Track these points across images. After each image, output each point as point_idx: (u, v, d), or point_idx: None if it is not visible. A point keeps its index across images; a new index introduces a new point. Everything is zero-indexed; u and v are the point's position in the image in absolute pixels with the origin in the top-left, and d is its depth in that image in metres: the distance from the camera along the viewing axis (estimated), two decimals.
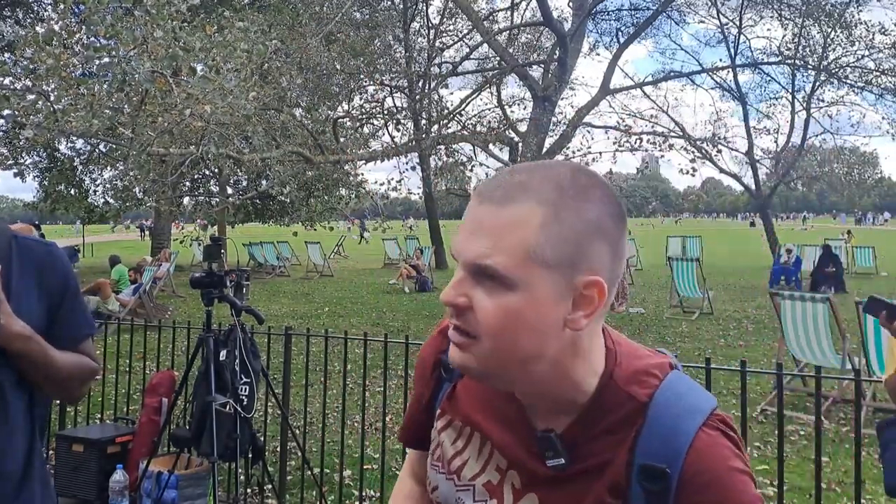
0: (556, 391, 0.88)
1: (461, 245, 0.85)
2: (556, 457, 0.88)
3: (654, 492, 0.83)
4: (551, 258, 0.82)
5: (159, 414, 4.29)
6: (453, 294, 0.85)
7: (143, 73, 6.66)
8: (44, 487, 1.58)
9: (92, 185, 22.34)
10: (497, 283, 0.82)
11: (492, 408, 0.97)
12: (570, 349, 0.86)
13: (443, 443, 1.01)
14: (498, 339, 0.83)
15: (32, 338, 1.47)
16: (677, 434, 0.84)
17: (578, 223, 0.83)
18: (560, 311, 0.83)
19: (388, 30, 16.13)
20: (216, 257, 3.96)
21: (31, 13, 19.95)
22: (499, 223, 0.82)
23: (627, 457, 0.86)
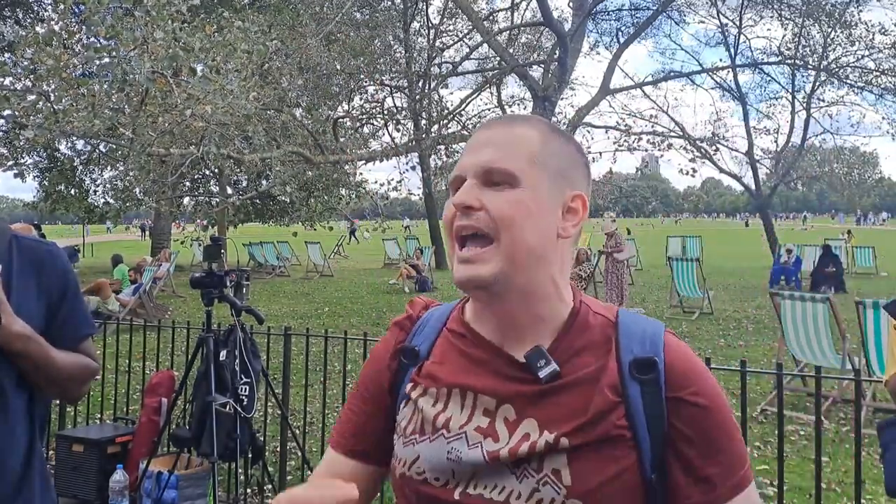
0: (544, 305, 0.99)
1: (470, 159, 0.98)
2: (548, 364, 0.96)
3: (647, 381, 0.95)
4: (550, 166, 0.98)
5: (159, 414, 4.29)
6: (467, 196, 0.95)
7: (143, 74, 6.66)
8: (44, 487, 1.59)
9: (92, 185, 22.36)
10: (506, 184, 0.95)
11: (467, 364, 1.02)
12: (559, 263, 1.00)
13: (422, 408, 1.02)
14: (512, 230, 0.94)
15: (33, 338, 1.47)
16: (651, 335, 0.99)
17: (566, 150, 1.01)
18: (555, 216, 0.98)
19: (388, 30, 16.14)
20: (216, 257, 3.96)
21: (32, 13, 19.95)
22: (507, 137, 0.98)
23: (616, 360, 0.97)
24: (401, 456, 1.03)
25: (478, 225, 0.94)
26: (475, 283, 0.96)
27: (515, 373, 0.98)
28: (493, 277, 0.94)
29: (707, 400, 0.96)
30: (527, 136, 0.98)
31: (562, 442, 0.93)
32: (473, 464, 0.96)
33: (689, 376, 0.97)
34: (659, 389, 0.95)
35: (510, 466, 0.95)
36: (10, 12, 19.87)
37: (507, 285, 0.96)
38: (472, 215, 0.95)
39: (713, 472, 0.95)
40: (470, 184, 0.96)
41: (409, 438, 1.02)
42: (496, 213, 0.93)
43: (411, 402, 1.04)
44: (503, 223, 0.93)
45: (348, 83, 14.00)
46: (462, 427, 0.98)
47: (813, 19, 17.19)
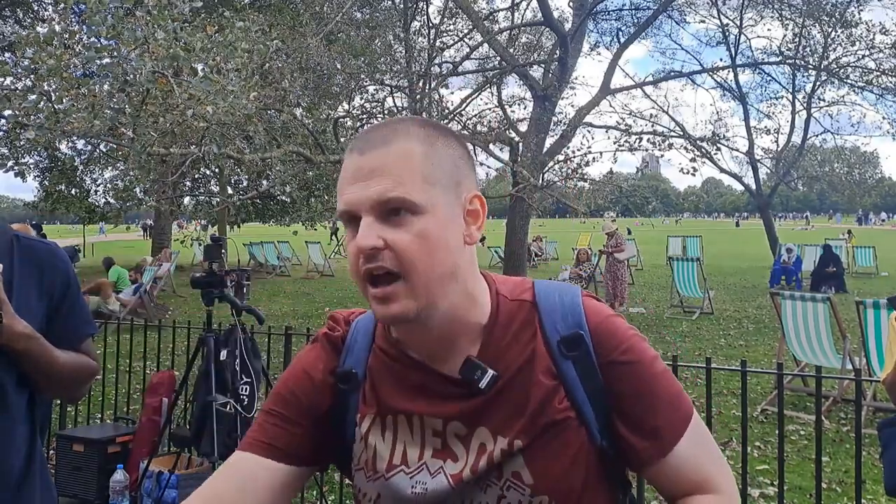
0: (466, 315, 0.97)
1: (359, 193, 0.91)
2: (485, 373, 0.96)
3: (578, 356, 0.96)
4: (442, 179, 0.93)
5: (160, 414, 4.29)
6: (370, 237, 0.89)
7: (144, 74, 6.66)
8: (44, 486, 1.59)
9: (93, 185, 22.37)
10: (405, 213, 0.90)
11: (404, 387, 1.00)
12: (469, 269, 0.97)
13: (374, 444, 1.00)
14: (421, 263, 0.89)
15: (34, 337, 1.48)
16: (570, 306, 0.99)
17: (450, 151, 0.96)
18: (458, 226, 0.95)
19: (388, 30, 16.14)
20: (216, 257, 3.96)
21: (32, 13, 19.95)
22: (389, 162, 0.91)
23: (544, 343, 0.97)
24: (363, 489, 1.02)
25: (386, 265, 0.90)
26: (396, 320, 0.94)
27: (454, 389, 0.97)
28: (414, 312, 0.91)
29: (636, 355, 0.97)
30: (410, 152, 0.91)
31: (515, 444, 0.94)
32: (439, 492, 0.96)
33: (612, 337, 0.98)
34: (591, 359, 0.96)
35: (480, 481, 0.95)
36: (11, 12, 19.88)
37: (429, 314, 0.93)
38: (378, 256, 0.89)
39: (658, 422, 0.96)
40: (368, 222, 0.89)
41: (370, 474, 1.01)
42: (402, 252, 0.89)
43: (362, 438, 1.02)
44: (412, 262, 0.89)
45: (349, 83, 14.00)
46: (420, 458, 0.98)
47: (813, 19, 17.17)
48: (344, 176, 0.95)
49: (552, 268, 20.98)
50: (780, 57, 19.43)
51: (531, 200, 13.77)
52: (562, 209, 19.04)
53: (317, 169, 11.37)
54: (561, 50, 14.91)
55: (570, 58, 15.00)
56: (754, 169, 22.06)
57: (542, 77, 15.96)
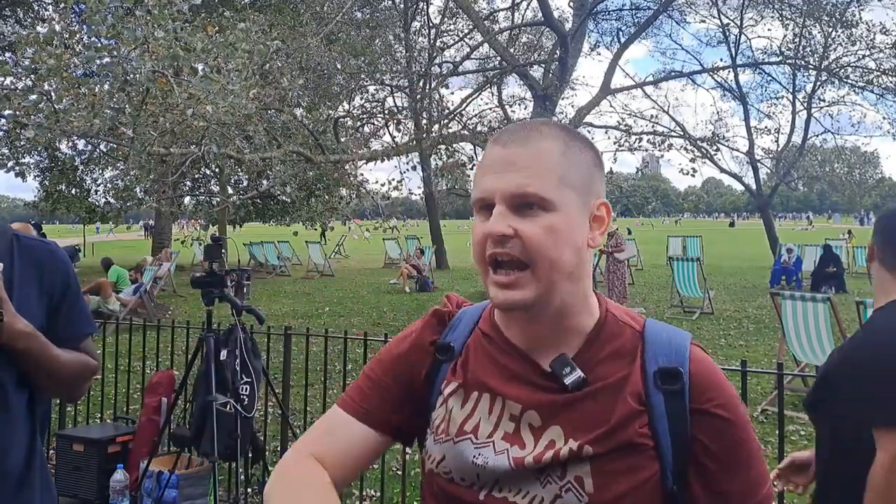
0: (576, 317, 1.01)
1: (497, 183, 0.96)
2: (573, 372, 0.98)
3: (672, 391, 0.96)
4: (576, 181, 0.97)
5: (160, 413, 4.29)
6: (501, 224, 0.94)
7: (144, 73, 6.66)
8: (44, 486, 1.59)
9: (93, 184, 22.36)
10: (537, 208, 0.94)
11: (496, 368, 1.04)
12: (588, 273, 1.01)
13: (451, 409, 1.05)
14: (547, 255, 0.94)
15: (35, 336, 1.48)
16: (676, 346, 0.99)
17: (584, 156, 1.00)
18: (584, 229, 0.99)
19: (388, 29, 16.15)
20: (217, 257, 3.96)
21: (32, 13, 19.95)
22: (529, 157, 0.96)
23: (641, 371, 0.98)
24: (431, 452, 1.06)
25: (513, 252, 0.94)
26: (515, 307, 0.97)
27: (542, 380, 1.00)
28: (532, 301, 0.95)
29: (730, 414, 0.97)
30: (549, 152, 0.97)
31: (585, 450, 0.94)
32: (498, 469, 0.98)
33: (713, 388, 0.97)
34: (683, 400, 0.96)
35: (534, 472, 0.96)
36: (11, 12, 19.88)
37: (544, 306, 0.97)
38: (506, 243, 0.94)
39: (733, 488, 0.96)
40: (500, 211, 0.95)
41: (439, 437, 1.05)
42: (531, 243, 0.94)
43: (444, 403, 1.06)
44: (539, 252, 0.94)
45: (349, 83, 14.00)
46: (490, 435, 1.00)
47: (814, 19, 17.18)
48: (483, 165, 1.00)
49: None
50: (780, 57, 19.43)
51: None
52: None
53: (317, 169, 11.37)
54: (561, 50, 14.90)
55: (570, 58, 14.99)
56: (754, 169, 22.06)
57: (542, 77, 15.96)
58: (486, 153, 1.00)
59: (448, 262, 23.35)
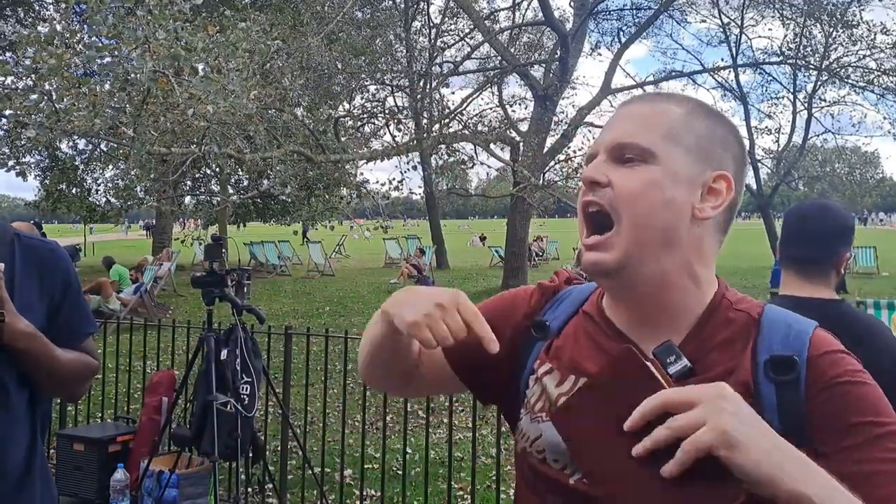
0: (681, 294, 0.93)
1: (605, 135, 0.94)
2: (678, 360, 0.88)
3: (784, 382, 0.86)
4: (690, 143, 0.92)
5: (160, 413, 4.29)
6: (594, 171, 0.91)
7: (145, 73, 6.66)
8: (45, 485, 1.59)
9: (93, 184, 22.36)
10: (638, 159, 0.90)
11: (596, 352, 0.98)
12: (695, 248, 0.93)
13: (546, 386, 1.00)
14: (637, 210, 0.89)
15: (36, 336, 1.48)
16: (797, 331, 0.90)
17: (714, 129, 0.95)
18: (691, 195, 0.91)
19: (389, 29, 16.15)
20: (217, 256, 3.96)
21: (33, 13, 19.95)
22: (645, 111, 0.94)
23: (751, 360, 0.89)
24: (525, 430, 1.01)
25: (601, 201, 0.90)
26: (600, 268, 0.92)
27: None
28: (619, 263, 0.90)
29: (849, 376, 0.86)
30: (667, 110, 0.93)
31: None
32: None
33: (837, 367, 0.87)
34: (798, 390, 0.86)
35: None
36: (12, 11, 19.87)
37: (634, 272, 0.91)
38: (597, 191, 0.91)
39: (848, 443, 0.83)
40: (600, 160, 0.92)
41: (537, 416, 1.00)
42: (621, 192, 0.89)
43: (539, 381, 1.02)
44: (628, 202, 0.89)
45: (349, 82, 14.01)
46: None
47: (814, 19, 17.18)
48: (607, 121, 0.98)
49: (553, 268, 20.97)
50: (781, 57, 19.42)
51: (532, 200, 13.77)
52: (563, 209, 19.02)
53: (317, 169, 11.37)
54: (562, 50, 14.90)
55: (570, 57, 14.99)
56: (755, 169, 22.06)
57: (542, 77, 15.97)
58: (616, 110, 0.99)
59: (448, 261, 23.35)
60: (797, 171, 23.59)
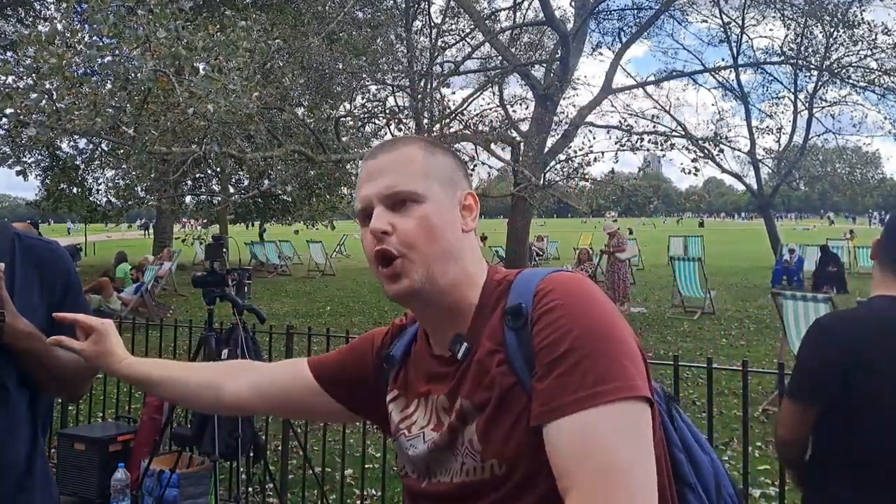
0: (465, 294, 1.06)
1: (370, 190, 1.06)
2: (461, 345, 1.04)
3: (517, 328, 0.98)
4: (440, 176, 1.07)
5: (161, 413, 4.29)
6: (381, 221, 1.03)
7: (145, 73, 6.66)
8: (46, 485, 1.59)
9: (94, 183, 22.36)
10: (409, 203, 1.04)
11: (422, 370, 1.13)
12: (469, 254, 1.08)
13: (392, 412, 1.17)
14: (424, 240, 1.02)
15: (36, 336, 1.48)
16: (528, 281, 1.02)
17: (446, 159, 1.11)
18: (455, 216, 1.07)
19: (390, 29, 16.14)
20: (218, 256, 3.96)
21: (34, 12, 19.96)
22: (394, 162, 1.07)
23: (500, 317, 1.01)
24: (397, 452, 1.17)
25: (390, 247, 1.03)
26: (405, 293, 1.04)
27: (447, 367, 1.07)
28: (418, 286, 1.03)
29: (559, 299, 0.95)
30: (412, 153, 1.07)
31: (464, 405, 1.00)
32: (423, 455, 1.07)
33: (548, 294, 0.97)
34: (527, 330, 0.97)
35: (448, 449, 1.03)
36: (13, 11, 19.87)
37: (433, 289, 1.04)
38: (386, 240, 1.03)
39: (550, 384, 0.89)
40: (379, 211, 1.04)
41: (395, 437, 1.16)
42: (407, 235, 1.02)
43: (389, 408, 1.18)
44: (414, 240, 1.02)
45: (350, 82, 13.99)
46: (422, 428, 1.09)
47: (815, 19, 17.17)
48: (359, 181, 1.10)
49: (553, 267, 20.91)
50: (782, 57, 19.43)
51: (532, 200, 13.77)
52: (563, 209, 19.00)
53: (318, 168, 11.37)
54: (562, 49, 14.91)
55: (571, 57, 14.99)
56: (756, 169, 22.05)
57: (543, 77, 15.96)
58: (361, 168, 1.11)
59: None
60: (798, 171, 23.58)
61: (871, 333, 1.70)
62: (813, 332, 1.79)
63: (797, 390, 1.79)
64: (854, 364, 1.67)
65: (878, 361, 1.65)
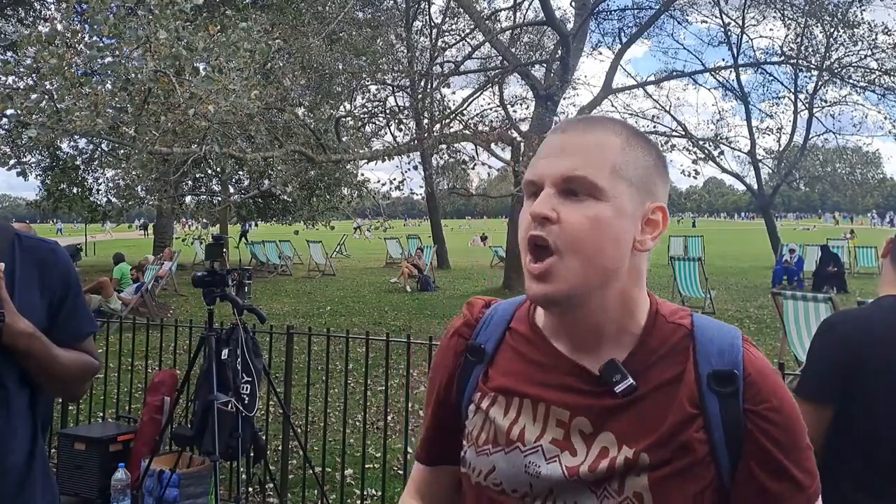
0: (618, 319, 0.96)
1: (547, 167, 0.93)
2: (623, 379, 0.93)
3: (726, 394, 0.92)
4: (632, 177, 0.93)
5: (161, 412, 4.29)
6: (545, 206, 0.90)
7: (146, 73, 6.67)
8: (46, 484, 1.59)
9: (94, 183, 22.36)
10: (585, 195, 0.90)
11: (536, 372, 1.00)
12: (634, 276, 0.96)
13: (494, 418, 1.00)
14: (586, 247, 0.90)
15: (36, 335, 1.48)
16: (729, 346, 0.94)
17: (646, 158, 0.96)
18: (634, 228, 0.93)
19: (390, 29, 16.17)
20: (218, 256, 3.96)
21: (34, 12, 19.96)
22: (585, 144, 0.93)
23: (694, 372, 0.93)
24: (474, 465, 1.01)
25: (549, 238, 0.90)
26: (549, 301, 0.93)
27: (589, 385, 0.96)
28: (566, 295, 0.91)
29: (784, 417, 0.93)
30: (608, 143, 0.93)
31: (641, 458, 0.91)
32: (552, 479, 0.94)
33: (768, 390, 0.93)
34: (738, 402, 0.91)
35: (590, 484, 0.92)
36: (13, 11, 19.88)
37: (579, 304, 0.93)
38: (546, 227, 0.90)
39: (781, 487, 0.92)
40: (548, 193, 0.91)
41: (483, 448, 1.00)
42: (571, 230, 0.89)
43: (480, 411, 1.02)
44: (578, 241, 0.90)
45: (350, 82, 14.02)
46: (537, 440, 0.96)
47: (816, 19, 17.17)
48: (543, 148, 0.96)
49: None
50: (782, 57, 19.43)
51: None
52: None
53: (318, 168, 11.38)
54: (563, 49, 14.91)
55: (571, 57, 14.99)
56: (756, 169, 22.05)
57: (543, 76, 15.96)
58: (545, 140, 0.98)
59: (449, 261, 23.36)
60: (798, 171, 23.58)
61: (880, 333, 1.70)
62: (822, 331, 1.77)
63: (807, 390, 1.78)
64: (863, 363, 1.66)
65: (887, 361, 1.65)
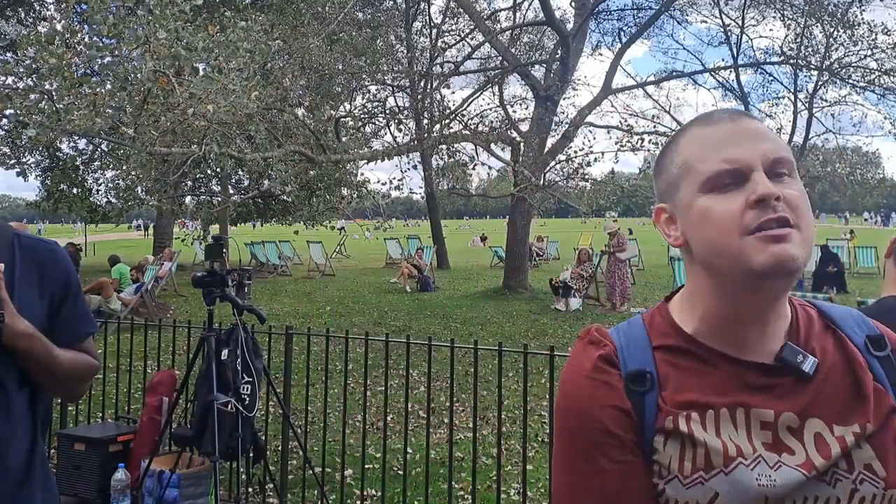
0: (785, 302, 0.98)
1: (748, 152, 0.93)
2: (806, 358, 0.94)
3: (882, 357, 0.98)
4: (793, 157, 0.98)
5: (161, 413, 4.29)
6: (772, 189, 0.91)
7: (145, 73, 6.67)
8: (46, 485, 1.59)
9: (94, 184, 22.37)
10: (787, 176, 0.94)
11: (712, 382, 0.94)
12: None
13: (702, 439, 0.91)
14: (807, 221, 0.93)
15: (36, 336, 1.48)
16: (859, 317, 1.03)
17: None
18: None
19: (390, 30, 16.18)
20: (218, 256, 3.96)
21: (34, 12, 19.96)
22: (765, 129, 0.97)
23: (851, 343, 0.99)
24: (685, 499, 0.91)
25: (784, 215, 0.90)
26: (797, 263, 0.90)
27: (773, 379, 0.93)
28: (801, 263, 0.90)
29: None
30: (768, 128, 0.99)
31: (868, 428, 0.91)
32: (790, 483, 0.89)
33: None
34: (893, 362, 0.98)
35: (824, 477, 0.90)
36: (13, 11, 19.87)
37: (798, 275, 0.94)
38: (777, 206, 0.90)
39: None
40: (763, 176, 0.91)
41: (693, 478, 0.91)
42: (798, 206, 0.91)
43: (676, 436, 0.92)
44: (803, 214, 0.92)
45: (350, 83, 14.03)
46: (755, 450, 0.91)
47: (815, 19, 17.18)
48: (717, 138, 0.96)
49: (553, 268, 20.97)
50: (781, 57, 19.42)
51: (533, 200, 13.77)
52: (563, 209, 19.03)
53: (318, 169, 11.37)
54: (562, 50, 14.92)
55: (571, 58, 15.00)
56: None
57: (543, 77, 15.97)
58: (705, 132, 0.97)
59: (449, 261, 23.36)
60: (798, 170, 23.57)
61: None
62: None
63: None
64: None
65: None
